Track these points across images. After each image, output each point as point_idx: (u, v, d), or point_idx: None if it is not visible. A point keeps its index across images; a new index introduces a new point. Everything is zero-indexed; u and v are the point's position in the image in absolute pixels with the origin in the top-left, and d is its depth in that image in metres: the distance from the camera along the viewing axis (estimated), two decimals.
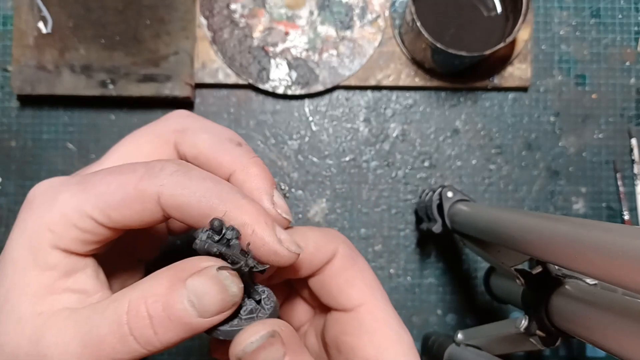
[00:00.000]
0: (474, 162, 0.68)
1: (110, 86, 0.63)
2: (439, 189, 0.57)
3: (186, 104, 0.66)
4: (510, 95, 0.68)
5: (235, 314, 0.32)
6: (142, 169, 0.33)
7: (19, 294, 0.32)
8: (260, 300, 0.33)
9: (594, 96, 0.68)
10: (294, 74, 0.65)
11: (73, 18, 0.63)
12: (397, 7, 0.67)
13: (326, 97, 0.68)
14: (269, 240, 0.32)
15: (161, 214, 0.33)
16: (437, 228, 0.56)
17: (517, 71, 0.67)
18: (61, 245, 0.32)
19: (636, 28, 0.69)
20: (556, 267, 0.45)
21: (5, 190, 0.66)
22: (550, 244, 0.35)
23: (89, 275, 0.34)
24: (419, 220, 0.65)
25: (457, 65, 0.64)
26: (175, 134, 0.38)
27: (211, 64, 0.65)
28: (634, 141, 0.67)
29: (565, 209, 0.68)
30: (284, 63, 0.65)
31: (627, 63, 0.68)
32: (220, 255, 0.31)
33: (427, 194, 0.62)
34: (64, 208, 0.32)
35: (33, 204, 0.34)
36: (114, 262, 0.38)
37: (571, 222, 0.34)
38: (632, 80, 0.68)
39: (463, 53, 0.57)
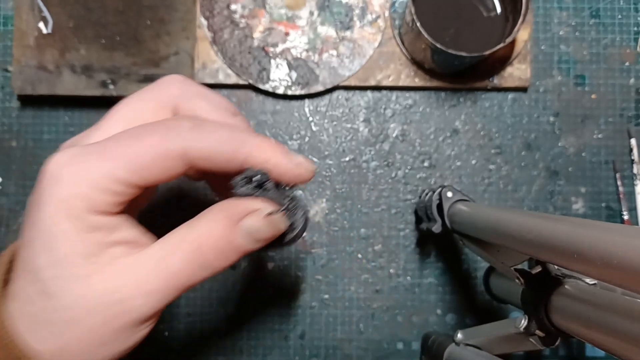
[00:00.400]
0: (473, 162, 0.68)
1: (111, 86, 0.63)
2: (439, 189, 0.57)
3: None
4: (510, 95, 0.68)
5: None
6: (162, 129, 0.36)
7: (74, 258, 0.35)
8: (289, 207, 0.40)
9: (593, 96, 0.68)
10: (294, 74, 0.65)
11: (73, 18, 0.63)
12: (397, 7, 0.67)
13: (326, 98, 0.68)
14: (291, 167, 0.39)
15: (184, 167, 0.37)
16: (436, 228, 0.56)
17: (517, 71, 0.67)
18: (99, 209, 0.35)
19: (635, 28, 0.69)
20: (556, 267, 0.45)
21: (5, 191, 0.66)
22: (550, 244, 0.35)
23: (129, 227, 0.38)
24: (418, 220, 0.65)
25: (457, 66, 0.64)
26: (173, 99, 0.41)
27: (211, 65, 0.65)
28: (633, 141, 0.68)
29: (565, 209, 0.68)
30: (284, 63, 0.65)
31: (627, 63, 0.69)
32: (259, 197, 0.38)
33: (426, 194, 0.62)
34: (96, 176, 0.35)
35: (59, 177, 0.35)
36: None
37: (570, 222, 0.34)
38: (632, 81, 0.68)
39: (463, 53, 0.57)
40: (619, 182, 0.67)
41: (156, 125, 0.37)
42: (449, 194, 0.56)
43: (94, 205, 0.35)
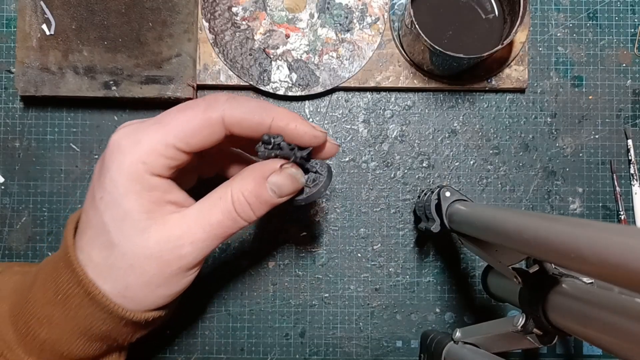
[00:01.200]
0: (471, 162, 0.68)
1: (113, 88, 0.63)
2: (437, 189, 0.57)
3: None
4: (508, 96, 0.69)
5: (303, 189, 0.49)
6: (203, 103, 0.45)
7: (135, 214, 0.43)
8: (316, 171, 0.49)
9: (590, 97, 0.69)
10: (294, 76, 0.66)
11: (76, 20, 0.64)
12: (396, 9, 0.67)
13: (326, 99, 0.68)
14: (308, 129, 0.47)
15: (224, 133, 0.45)
16: (435, 227, 0.56)
17: (515, 73, 0.67)
18: (155, 172, 0.44)
19: (632, 30, 0.69)
20: (553, 265, 0.45)
21: (8, 191, 0.67)
22: (547, 243, 0.35)
23: (178, 190, 0.47)
24: (417, 220, 0.65)
25: (455, 67, 0.64)
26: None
27: (213, 66, 0.66)
28: (630, 142, 0.68)
29: (562, 208, 0.68)
30: (285, 65, 0.66)
31: (624, 65, 0.69)
32: (277, 156, 0.47)
33: (425, 193, 0.62)
34: (152, 143, 0.43)
35: (121, 146, 0.43)
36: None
37: (568, 222, 0.34)
38: (629, 82, 0.69)
39: (461, 55, 0.58)
40: (615, 182, 0.68)
41: (198, 100, 0.46)
42: (448, 194, 0.56)
43: (151, 168, 0.43)
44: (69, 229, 0.47)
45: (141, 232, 0.44)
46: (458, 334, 0.56)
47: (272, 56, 0.66)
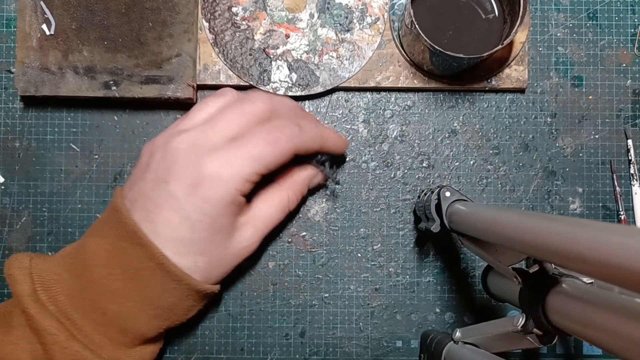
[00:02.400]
0: (471, 162, 0.68)
1: (114, 88, 0.63)
2: (437, 189, 0.57)
3: (188, 105, 0.67)
4: (508, 96, 0.69)
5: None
6: (285, 135, 0.54)
7: (228, 227, 0.55)
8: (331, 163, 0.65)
9: (590, 97, 0.69)
10: (294, 76, 0.66)
11: (76, 20, 0.64)
12: (396, 9, 0.67)
13: (326, 99, 0.68)
14: (342, 145, 0.64)
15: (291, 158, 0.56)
16: (435, 227, 0.56)
17: (515, 73, 0.67)
18: (244, 194, 0.55)
19: (632, 30, 0.69)
20: (553, 265, 0.45)
21: (8, 191, 0.67)
22: (547, 243, 0.35)
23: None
24: (417, 220, 0.65)
25: (455, 67, 0.64)
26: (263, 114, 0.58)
27: (213, 66, 0.66)
28: (630, 142, 0.68)
29: (562, 208, 0.68)
30: (285, 65, 0.66)
31: (624, 65, 0.69)
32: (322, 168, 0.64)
33: (425, 193, 0.62)
34: (247, 175, 0.53)
35: (222, 177, 0.52)
36: None
37: (568, 222, 0.34)
38: (629, 82, 0.69)
39: (461, 55, 0.58)
40: (615, 182, 0.68)
41: (279, 126, 0.55)
42: (448, 194, 0.56)
43: (243, 192, 0.54)
44: (122, 210, 0.53)
45: (227, 240, 0.56)
46: (458, 334, 0.56)
47: (272, 56, 0.66)
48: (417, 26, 0.58)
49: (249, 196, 0.57)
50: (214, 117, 0.55)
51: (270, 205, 0.60)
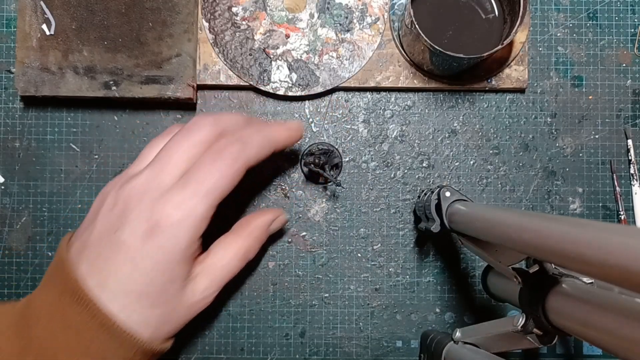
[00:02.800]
0: (471, 162, 0.68)
1: (114, 88, 0.63)
2: (437, 189, 0.57)
3: (188, 105, 0.67)
4: (508, 96, 0.69)
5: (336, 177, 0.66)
6: (228, 156, 0.51)
7: (183, 277, 0.52)
8: (333, 164, 0.67)
9: (590, 97, 0.69)
10: (294, 76, 0.66)
11: (76, 20, 0.64)
12: (396, 9, 0.67)
13: (326, 99, 0.68)
14: (290, 135, 0.60)
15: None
16: (435, 227, 0.56)
17: (515, 73, 0.67)
18: (200, 233, 0.51)
19: (632, 30, 0.69)
20: (553, 265, 0.45)
21: (9, 191, 0.67)
22: (547, 243, 0.35)
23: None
24: (417, 220, 0.65)
25: (455, 67, 0.64)
26: (206, 141, 0.55)
27: (213, 66, 0.66)
28: (630, 142, 0.68)
29: (562, 208, 0.68)
30: (285, 65, 0.66)
31: (624, 65, 0.69)
32: (317, 167, 0.65)
33: (425, 193, 0.62)
34: (203, 213, 0.50)
35: (175, 221, 0.49)
36: None
37: (568, 222, 0.34)
38: (629, 82, 0.69)
39: (461, 55, 0.58)
40: (615, 182, 0.68)
41: (219, 148, 0.52)
42: (448, 194, 0.56)
43: (200, 232, 0.51)
44: (66, 262, 0.50)
45: (181, 291, 0.52)
46: (458, 334, 0.56)
47: (272, 56, 0.66)
48: (417, 26, 0.58)
49: (205, 243, 0.55)
50: (161, 155, 0.52)
51: (228, 254, 0.56)
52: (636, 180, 0.68)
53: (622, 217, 0.68)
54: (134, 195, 0.49)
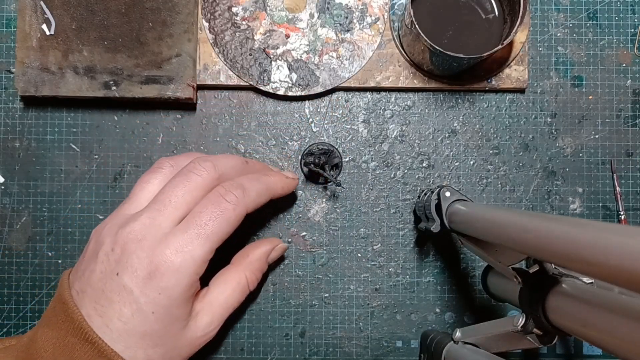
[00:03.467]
0: (471, 162, 0.68)
1: (113, 88, 0.63)
2: (437, 189, 0.57)
3: (188, 105, 0.67)
4: (508, 96, 0.69)
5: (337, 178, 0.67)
6: (232, 201, 0.53)
7: (185, 317, 0.53)
8: (333, 165, 0.67)
9: (590, 97, 0.69)
10: (294, 76, 0.66)
11: (76, 20, 0.64)
12: (396, 9, 0.67)
13: (326, 99, 0.68)
14: (288, 184, 0.62)
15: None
16: (435, 227, 0.56)
17: (515, 73, 0.67)
18: (201, 275, 0.52)
19: (632, 30, 0.69)
20: (553, 265, 0.45)
21: (8, 191, 0.67)
22: (547, 243, 0.35)
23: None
24: (417, 220, 0.65)
25: (455, 67, 0.64)
26: (203, 186, 0.56)
27: (213, 66, 0.66)
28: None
29: (562, 208, 0.68)
30: (285, 65, 0.66)
31: (624, 65, 0.69)
32: (317, 167, 0.66)
33: (425, 193, 0.62)
34: (203, 257, 0.51)
35: (175, 264, 0.50)
36: None
37: (568, 222, 0.34)
38: (629, 82, 0.69)
39: (461, 55, 0.58)
40: (615, 182, 0.68)
41: (222, 191, 0.53)
42: (448, 194, 0.56)
43: (200, 274, 0.52)
44: (69, 303, 0.50)
45: (183, 330, 0.53)
46: (458, 334, 0.56)
47: (272, 56, 0.66)
48: (417, 26, 0.58)
49: (205, 277, 0.55)
50: (160, 198, 0.53)
51: (228, 289, 0.58)
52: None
53: (622, 217, 0.68)
54: (133, 239, 0.50)
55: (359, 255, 0.68)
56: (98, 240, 0.52)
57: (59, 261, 0.67)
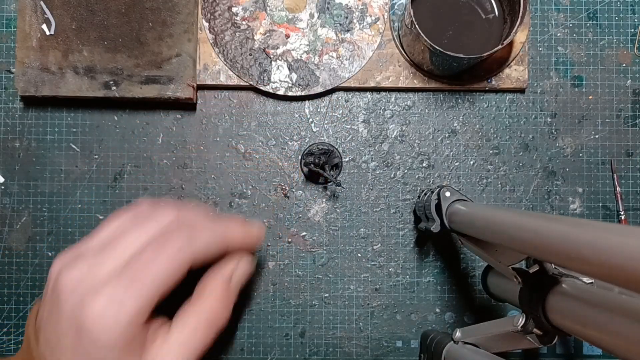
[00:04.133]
0: (471, 162, 0.68)
1: (114, 88, 0.63)
2: (437, 189, 0.57)
3: (188, 105, 0.67)
4: (508, 96, 0.69)
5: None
6: (172, 248, 0.46)
7: (130, 355, 0.45)
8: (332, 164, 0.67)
9: (590, 97, 0.69)
10: (294, 76, 0.66)
11: (76, 20, 0.64)
12: (396, 9, 0.67)
13: (326, 99, 0.68)
14: (250, 238, 0.55)
15: (187, 270, 0.47)
16: (435, 227, 0.56)
17: (515, 73, 0.67)
18: (142, 323, 0.45)
19: (632, 30, 0.69)
20: (553, 265, 0.45)
21: (8, 190, 0.67)
22: (547, 243, 0.35)
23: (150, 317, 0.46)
24: (417, 220, 0.65)
25: (455, 67, 0.64)
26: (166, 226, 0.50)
27: (213, 66, 0.66)
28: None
29: (562, 208, 0.68)
30: (285, 65, 0.66)
31: (623, 65, 0.69)
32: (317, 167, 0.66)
33: (425, 194, 0.62)
34: (133, 311, 0.43)
35: (107, 317, 0.43)
36: None
37: (568, 222, 0.34)
38: (629, 82, 0.69)
39: (461, 55, 0.58)
40: (615, 182, 0.68)
41: (165, 237, 0.47)
42: (448, 194, 0.56)
43: (140, 324, 0.44)
44: (32, 335, 0.48)
45: None
46: (458, 334, 0.56)
47: (272, 56, 0.66)
48: (417, 26, 0.58)
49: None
50: (109, 244, 0.47)
51: (187, 327, 0.48)
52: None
53: (622, 217, 0.68)
54: (66, 288, 0.45)
55: (359, 255, 0.68)
56: (50, 274, 0.48)
57: None
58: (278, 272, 0.67)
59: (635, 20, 0.69)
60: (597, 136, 0.69)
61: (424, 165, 0.68)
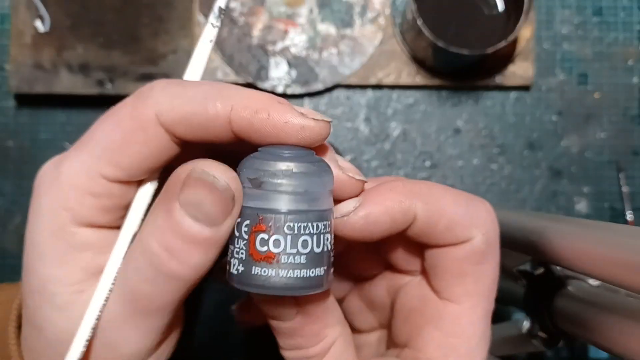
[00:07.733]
0: (475, 161, 0.67)
1: (108, 85, 0.63)
2: None
3: None
4: (512, 94, 0.68)
5: None
6: (130, 98, 0.27)
7: (57, 284, 0.28)
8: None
9: (596, 95, 0.68)
10: (293, 73, 0.65)
11: (71, 17, 0.63)
12: (398, 5, 0.66)
13: (326, 96, 0.67)
14: (288, 117, 0.26)
15: (170, 141, 0.28)
16: None
17: (519, 70, 0.66)
18: (84, 221, 0.28)
19: (639, 27, 0.68)
20: (559, 268, 0.45)
21: (2, 190, 0.66)
22: (553, 245, 0.34)
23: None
24: None
25: (459, 64, 0.63)
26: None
27: (210, 63, 0.65)
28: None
29: (568, 209, 0.68)
30: (284, 62, 0.65)
31: (630, 62, 0.68)
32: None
33: None
34: (70, 176, 0.27)
35: (41, 186, 0.29)
36: None
37: (574, 223, 0.34)
38: (635, 79, 0.68)
39: (464, 51, 0.57)
40: (622, 182, 0.67)
41: (125, 100, 0.28)
42: None
43: (78, 215, 0.28)
44: (12, 318, 0.34)
45: (61, 310, 0.29)
46: None
47: (270, 52, 0.65)
48: (419, 22, 0.57)
49: None
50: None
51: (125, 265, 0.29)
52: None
53: (629, 218, 0.67)
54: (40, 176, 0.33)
55: None
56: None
57: None
58: None
59: None
60: (603, 135, 0.68)
61: (427, 164, 0.67)
